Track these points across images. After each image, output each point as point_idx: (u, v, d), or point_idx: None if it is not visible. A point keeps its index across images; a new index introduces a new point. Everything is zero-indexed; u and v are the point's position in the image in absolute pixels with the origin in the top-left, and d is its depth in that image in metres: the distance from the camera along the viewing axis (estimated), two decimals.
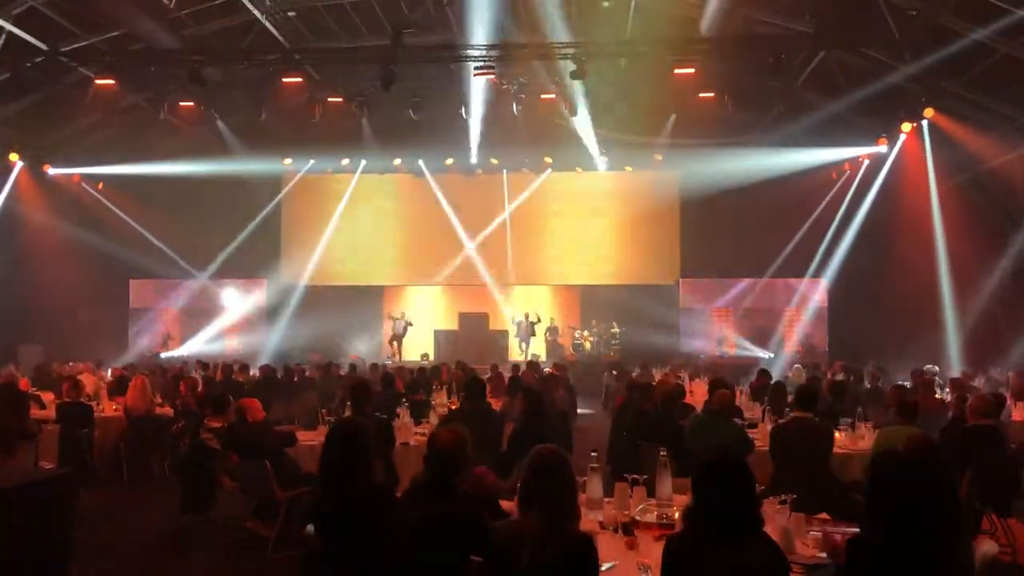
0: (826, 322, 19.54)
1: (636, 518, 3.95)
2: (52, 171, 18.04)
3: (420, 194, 20.46)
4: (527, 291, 21.09)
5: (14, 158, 16.85)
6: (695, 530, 2.81)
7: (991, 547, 3.27)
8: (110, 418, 9.13)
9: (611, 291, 20.09)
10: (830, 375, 11.53)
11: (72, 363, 14.53)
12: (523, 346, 19.40)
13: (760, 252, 18.78)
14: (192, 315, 20.88)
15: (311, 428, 7.47)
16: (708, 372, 12.68)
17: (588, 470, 4.17)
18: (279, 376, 11.92)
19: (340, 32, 15.32)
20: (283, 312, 19.77)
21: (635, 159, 19.24)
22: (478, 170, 19.69)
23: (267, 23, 13.60)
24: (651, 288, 19.65)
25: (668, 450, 4.45)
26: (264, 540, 5.84)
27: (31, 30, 12.96)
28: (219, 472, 6.34)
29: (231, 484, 6.29)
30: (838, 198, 18.29)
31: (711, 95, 14.63)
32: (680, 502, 3.92)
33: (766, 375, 10.02)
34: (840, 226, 17.95)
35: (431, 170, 20.14)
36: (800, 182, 17.63)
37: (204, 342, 20.10)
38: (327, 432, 3.74)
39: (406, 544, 3.26)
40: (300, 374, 12.49)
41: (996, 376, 11.38)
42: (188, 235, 19.21)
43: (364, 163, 20.02)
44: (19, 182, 17.40)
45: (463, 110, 15.36)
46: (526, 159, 19.32)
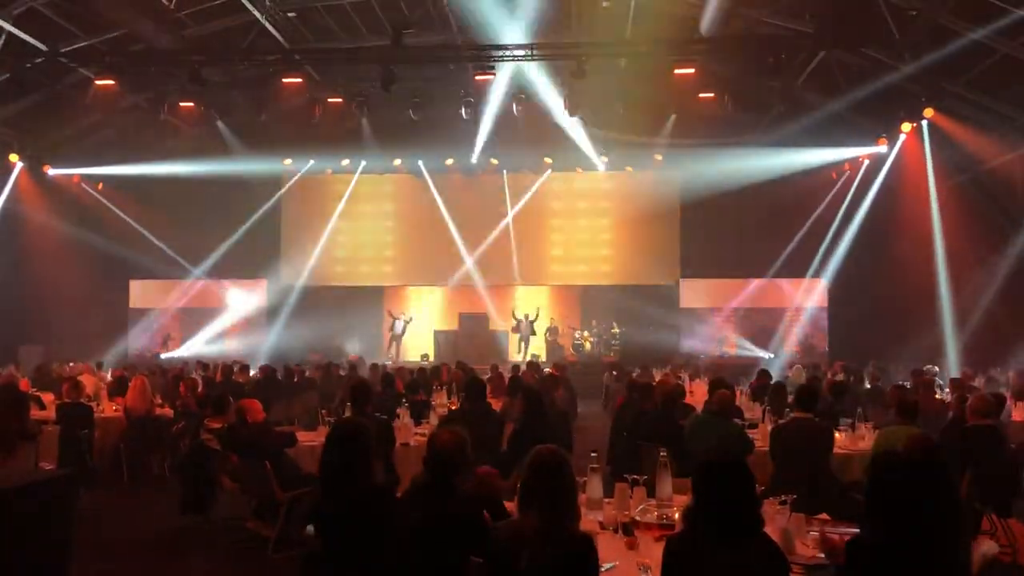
0: (826, 322, 19.55)
1: (636, 518, 3.95)
2: (52, 171, 18.07)
3: (420, 194, 20.46)
4: (527, 291, 21.10)
5: (14, 159, 16.89)
6: (695, 530, 2.81)
7: (991, 547, 3.27)
8: (110, 419, 9.12)
9: (611, 291, 20.08)
10: (830, 375, 11.53)
11: (72, 364, 14.54)
12: (523, 345, 19.40)
13: (760, 252, 18.77)
14: (192, 315, 20.89)
15: (311, 428, 7.44)
16: (708, 372, 12.68)
17: (588, 470, 4.17)
18: (279, 376, 11.92)
19: (340, 32, 15.33)
20: (283, 312, 19.78)
21: (635, 159, 19.23)
22: (478, 170, 19.69)
23: (267, 23, 13.61)
24: (651, 288, 19.65)
25: (668, 450, 4.45)
26: (264, 540, 5.83)
27: (31, 30, 12.97)
28: (219, 473, 6.34)
29: (231, 485, 6.29)
30: (838, 198, 18.30)
31: (711, 95, 14.64)
32: (680, 502, 3.92)
33: (766, 375, 10.02)
34: (840, 226, 17.96)
35: (431, 170, 20.14)
36: (800, 182, 17.65)
37: (204, 342, 20.11)
38: (327, 432, 3.74)
39: (406, 544, 3.26)
40: (300, 374, 12.48)
41: (996, 376, 11.37)
42: (188, 235, 19.21)
43: (364, 163, 20.02)
44: (19, 182, 17.44)
45: (463, 110, 15.35)
46: (526, 159, 19.30)
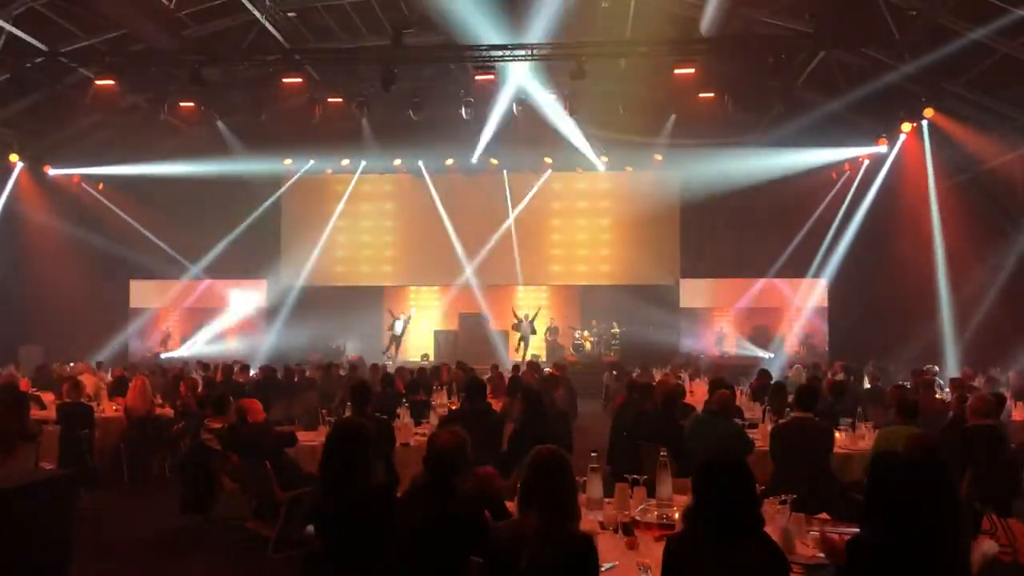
0: (826, 322, 19.54)
1: (636, 518, 3.95)
2: (52, 172, 18.07)
3: (420, 194, 20.44)
4: (526, 291, 21.09)
5: (14, 159, 16.88)
6: (695, 530, 2.81)
7: (991, 547, 3.27)
8: (110, 419, 9.13)
9: (611, 291, 20.07)
10: (830, 375, 11.52)
11: (72, 364, 14.54)
12: (523, 345, 19.39)
13: (760, 252, 18.76)
14: (192, 315, 20.91)
15: (311, 428, 7.44)
16: (708, 372, 12.68)
17: (588, 470, 4.17)
18: (279, 376, 11.92)
19: (340, 32, 15.32)
20: (283, 312, 19.78)
21: (635, 159, 19.21)
22: (478, 170, 19.68)
23: (267, 23, 13.60)
24: (651, 288, 19.64)
25: (668, 450, 4.45)
26: (264, 540, 5.83)
27: (31, 30, 12.96)
28: (219, 472, 6.34)
29: (231, 484, 6.29)
30: (838, 198, 18.29)
31: (711, 95, 14.63)
32: (680, 502, 3.93)
33: (766, 375, 10.02)
34: (840, 226, 17.95)
35: (431, 170, 20.13)
36: (800, 182, 17.63)
37: (204, 342, 20.11)
38: (328, 432, 3.75)
39: (406, 544, 3.26)
40: (300, 374, 12.47)
41: (996, 376, 11.37)
42: (188, 235, 19.20)
43: (364, 163, 20.01)
44: (19, 183, 17.44)
45: (463, 110, 15.34)
46: (526, 159, 19.29)
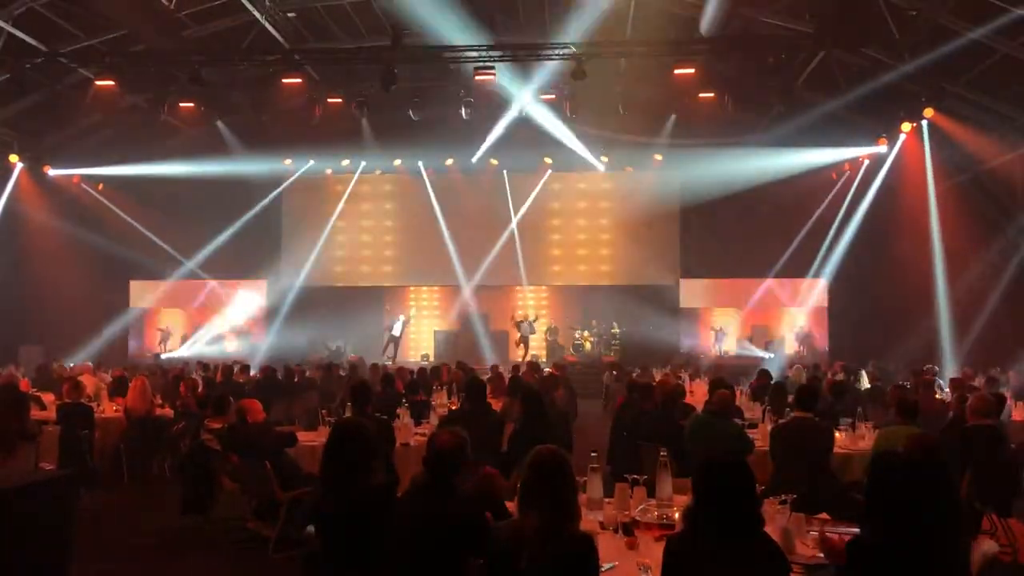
0: (826, 322, 19.54)
1: (636, 518, 3.95)
2: (52, 172, 18.08)
3: (420, 194, 20.45)
4: (526, 291, 21.08)
5: (14, 159, 16.89)
6: (695, 530, 2.81)
7: (991, 547, 3.27)
8: (110, 419, 9.12)
9: (611, 291, 20.08)
10: (830, 375, 11.52)
11: (72, 364, 14.54)
12: (523, 345, 19.39)
13: (760, 252, 18.76)
14: (192, 315, 20.92)
15: (312, 429, 7.44)
16: (708, 372, 12.68)
17: (588, 470, 4.17)
18: (279, 377, 11.91)
19: (340, 32, 15.33)
20: (283, 312, 19.77)
21: (635, 159, 19.22)
22: (478, 171, 19.67)
23: (267, 23, 13.61)
24: (651, 288, 19.64)
25: (668, 450, 4.45)
26: (265, 540, 5.83)
27: (31, 31, 12.98)
28: (220, 473, 6.34)
29: (232, 485, 6.29)
30: (838, 198, 18.28)
31: (711, 95, 14.64)
32: (680, 502, 3.93)
33: (766, 375, 10.00)
34: (840, 226, 17.95)
35: (431, 171, 20.11)
36: (800, 182, 17.63)
37: (204, 342, 20.12)
38: (328, 433, 3.75)
39: (406, 544, 3.26)
40: (300, 375, 12.47)
41: (996, 376, 11.36)
42: (188, 236, 19.20)
43: (364, 163, 20.03)
44: (19, 183, 17.44)
45: (463, 110, 15.34)
46: (526, 160, 19.27)
